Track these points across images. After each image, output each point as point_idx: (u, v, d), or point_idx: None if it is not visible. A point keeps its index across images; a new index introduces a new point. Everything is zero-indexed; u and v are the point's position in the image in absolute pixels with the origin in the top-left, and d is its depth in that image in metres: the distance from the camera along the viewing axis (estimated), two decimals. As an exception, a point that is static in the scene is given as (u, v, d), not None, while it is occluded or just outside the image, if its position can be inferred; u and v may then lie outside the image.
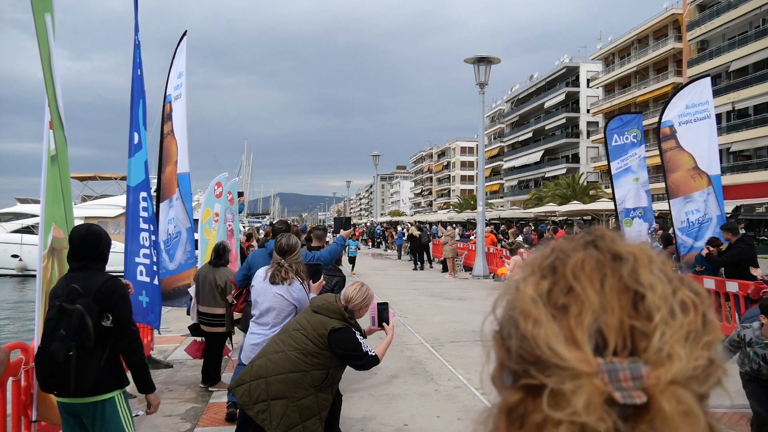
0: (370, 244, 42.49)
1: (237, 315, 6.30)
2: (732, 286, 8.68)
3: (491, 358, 0.64)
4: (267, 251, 5.60)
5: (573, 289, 0.59)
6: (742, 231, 12.16)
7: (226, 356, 7.21)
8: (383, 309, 3.87)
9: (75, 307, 3.17)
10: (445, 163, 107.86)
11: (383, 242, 38.39)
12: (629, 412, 0.54)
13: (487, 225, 21.77)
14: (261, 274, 4.45)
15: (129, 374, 3.49)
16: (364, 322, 3.86)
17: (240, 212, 14.91)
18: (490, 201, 68.33)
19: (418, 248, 22.40)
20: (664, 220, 20.64)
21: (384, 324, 3.85)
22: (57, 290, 3.36)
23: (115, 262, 4.80)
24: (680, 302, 0.58)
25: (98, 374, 3.19)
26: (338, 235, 6.12)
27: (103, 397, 3.27)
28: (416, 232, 22.57)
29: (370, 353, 3.61)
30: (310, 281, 4.58)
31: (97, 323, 3.19)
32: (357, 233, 33.38)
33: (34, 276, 4.60)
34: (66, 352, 3.11)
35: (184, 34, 8.38)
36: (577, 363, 0.55)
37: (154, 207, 7.03)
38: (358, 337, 3.62)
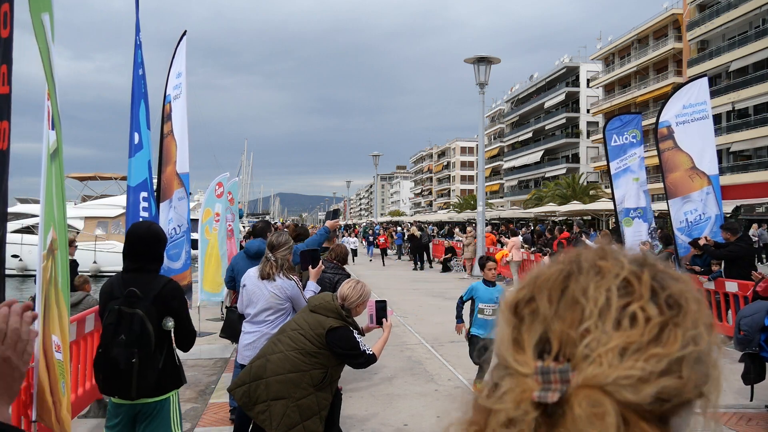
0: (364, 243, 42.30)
1: None
2: (732, 286, 8.68)
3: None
4: (245, 253, 5.63)
5: (533, 300, 0.65)
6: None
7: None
8: (382, 307, 3.87)
9: (135, 312, 3.12)
10: (445, 163, 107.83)
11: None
12: (559, 413, 0.58)
13: (486, 225, 21.77)
14: (253, 273, 4.46)
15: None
16: (361, 320, 3.86)
17: (241, 217, 14.87)
18: (490, 201, 68.29)
19: (418, 248, 22.40)
20: (663, 220, 20.64)
21: (383, 320, 3.85)
22: (113, 292, 3.26)
23: (115, 263, 4.80)
24: (630, 315, 0.60)
25: (158, 377, 3.19)
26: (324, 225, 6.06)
27: (161, 398, 3.28)
28: (417, 232, 22.59)
29: (367, 352, 3.62)
30: (309, 267, 4.57)
31: (157, 328, 3.16)
32: (384, 237, 31.09)
33: (34, 276, 4.59)
34: (128, 359, 3.07)
35: (184, 33, 8.37)
36: (517, 364, 0.61)
37: (157, 207, 7.02)
38: (356, 335, 3.62)
